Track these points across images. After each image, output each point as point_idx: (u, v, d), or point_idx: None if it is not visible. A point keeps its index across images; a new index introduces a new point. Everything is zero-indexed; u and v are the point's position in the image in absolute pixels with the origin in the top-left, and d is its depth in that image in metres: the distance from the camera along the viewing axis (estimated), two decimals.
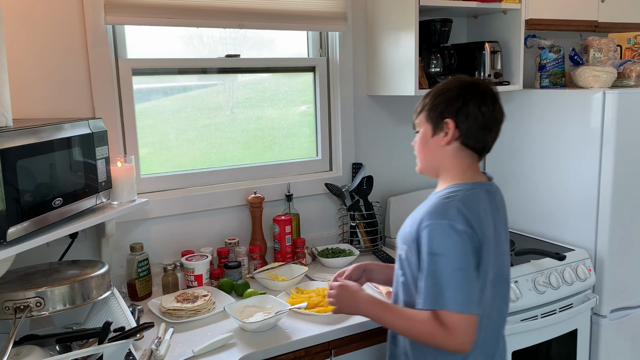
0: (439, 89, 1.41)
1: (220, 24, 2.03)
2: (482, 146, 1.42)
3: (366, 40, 2.37)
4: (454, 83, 1.41)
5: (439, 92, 1.40)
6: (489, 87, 1.41)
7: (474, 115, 1.37)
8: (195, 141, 2.16)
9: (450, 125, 1.37)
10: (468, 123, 1.37)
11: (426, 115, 1.41)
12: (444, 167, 1.43)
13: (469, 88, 1.38)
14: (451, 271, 1.28)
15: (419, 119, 1.44)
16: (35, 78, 1.77)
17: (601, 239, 2.21)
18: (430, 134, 1.41)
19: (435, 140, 1.41)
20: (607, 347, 2.28)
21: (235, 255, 2.07)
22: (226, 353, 1.50)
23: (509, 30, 2.38)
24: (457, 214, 1.30)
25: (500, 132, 1.44)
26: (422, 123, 1.43)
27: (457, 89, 1.39)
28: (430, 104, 1.40)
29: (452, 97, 1.38)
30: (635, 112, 2.16)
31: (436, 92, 1.41)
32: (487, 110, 1.38)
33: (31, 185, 1.37)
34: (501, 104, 1.43)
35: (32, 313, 1.34)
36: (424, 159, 1.45)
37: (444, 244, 1.28)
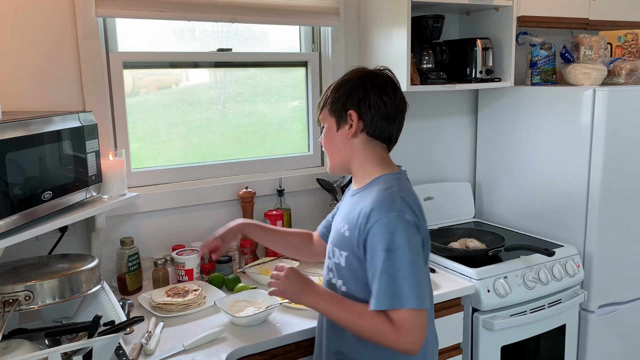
0: (339, 82, 1.39)
1: (212, 18, 2.02)
2: (388, 136, 1.38)
3: (358, 35, 2.37)
4: (353, 74, 1.38)
5: (339, 84, 1.38)
6: (389, 76, 1.39)
7: (375, 105, 1.34)
8: (187, 136, 2.15)
9: (354, 117, 1.35)
10: (371, 113, 1.35)
11: (329, 109, 1.39)
12: (356, 160, 1.39)
13: (369, 78, 1.36)
14: (405, 266, 1.22)
15: (322, 114, 1.41)
16: (25, 71, 1.76)
17: (590, 236, 2.23)
18: (335, 127, 1.39)
19: (340, 133, 1.38)
20: (595, 343, 2.30)
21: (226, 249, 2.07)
22: (217, 347, 1.50)
23: (500, 27, 2.39)
24: (403, 205, 1.26)
25: (404, 122, 1.41)
26: (326, 117, 1.40)
27: (356, 80, 1.37)
28: (332, 97, 1.38)
29: (353, 89, 1.36)
30: (625, 110, 2.18)
31: (336, 85, 1.39)
32: (389, 100, 1.35)
33: (20, 178, 1.36)
34: (402, 93, 1.40)
35: (21, 307, 1.33)
36: (333, 155, 1.42)
37: (398, 237, 1.22)
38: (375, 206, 1.26)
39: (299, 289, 1.36)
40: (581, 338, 2.29)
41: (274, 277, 1.41)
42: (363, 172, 1.40)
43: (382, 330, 1.23)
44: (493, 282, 1.96)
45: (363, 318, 1.26)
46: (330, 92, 1.39)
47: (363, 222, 1.28)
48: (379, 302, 1.23)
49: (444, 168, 2.72)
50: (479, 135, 2.73)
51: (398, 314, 1.22)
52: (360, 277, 1.31)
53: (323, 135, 1.43)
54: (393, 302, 1.22)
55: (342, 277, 1.37)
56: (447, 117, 2.69)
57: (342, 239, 1.35)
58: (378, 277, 1.24)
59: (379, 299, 1.23)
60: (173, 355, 1.46)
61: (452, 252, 2.11)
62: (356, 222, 1.30)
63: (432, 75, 2.28)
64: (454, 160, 2.74)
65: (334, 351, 1.41)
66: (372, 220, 1.25)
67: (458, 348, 1.96)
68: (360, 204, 1.32)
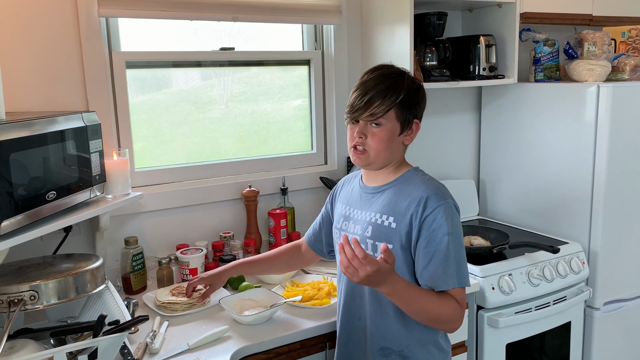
0: (409, 86, 1.38)
1: (214, 17, 2.02)
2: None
3: (361, 33, 2.37)
4: (417, 82, 1.42)
5: (411, 90, 1.38)
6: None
7: (422, 115, 1.44)
8: (190, 135, 2.15)
9: (416, 127, 1.42)
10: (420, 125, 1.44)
11: (398, 112, 1.37)
12: (396, 161, 1.44)
13: (423, 89, 1.43)
14: (460, 248, 1.33)
15: (388, 115, 1.36)
16: (28, 71, 1.76)
17: (595, 232, 2.22)
18: (399, 132, 1.39)
19: (400, 138, 1.40)
20: (600, 340, 2.30)
21: (230, 248, 2.07)
22: (221, 346, 1.50)
23: (503, 24, 2.38)
24: (450, 193, 1.37)
25: None
26: (391, 119, 1.37)
27: (421, 89, 1.42)
28: (403, 102, 1.36)
29: (421, 99, 1.42)
30: (629, 106, 2.17)
31: (408, 90, 1.37)
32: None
33: (24, 178, 1.36)
34: None
35: (26, 307, 1.34)
36: (384, 156, 1.39)
37: (455, 222, 1.32)
38: (431, 194, 1.33)
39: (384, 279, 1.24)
40: (586, 335, 2.29)
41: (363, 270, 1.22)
42: (390, 170, 1.44)
43: (455, 310, 1.31)
44: (498, 279, 1.96)
45: (442, 301, 1.30)
46: (403, 96, 1.36)
47: (418, 210, 1.33)
48: (447, 282, 1.30)
49: (448, 165, 2.71)
50: (482, 133, 2.73)
51: (460, 293, 1.32)
52: (403, 266, 1.36)
53: (379, 134, 1.36)
54: (457, 281, 1.31)
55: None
56: (451, 114, 2.68)
57: (387, 231, 1.37)
58: (443, 259, 1.30)
59: (447, 279, 1.30)
60: (178, 354, 1.46)
61: None
62: (406, 212, 1.35)
63: (435, 73, 2.27)
64: (458, 158, 2.74)
65: (379, 347, 1.42)
66: (430, 207, 1.32)
67: (463, 346, 1.96)
68: (405, 194, 1.37)
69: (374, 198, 1.44)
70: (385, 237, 1.37)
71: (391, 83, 1.37)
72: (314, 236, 1.72)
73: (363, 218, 1.45)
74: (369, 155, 1.39)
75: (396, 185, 1.41)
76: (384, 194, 1.42)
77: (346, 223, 1.51)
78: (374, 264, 1.19)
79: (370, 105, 1.35)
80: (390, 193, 1.41)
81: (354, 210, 1.49)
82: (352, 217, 1.49)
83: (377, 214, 1.40)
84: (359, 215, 1.47)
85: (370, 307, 1.43)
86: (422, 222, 1.32)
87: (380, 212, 1.40)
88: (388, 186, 1.42)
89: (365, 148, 1.38)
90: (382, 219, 1.39)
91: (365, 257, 1.19)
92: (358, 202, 1.49)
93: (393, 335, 1.40)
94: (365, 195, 1.47)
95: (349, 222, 1.50)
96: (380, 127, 1.37)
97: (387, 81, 1.37)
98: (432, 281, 1.31)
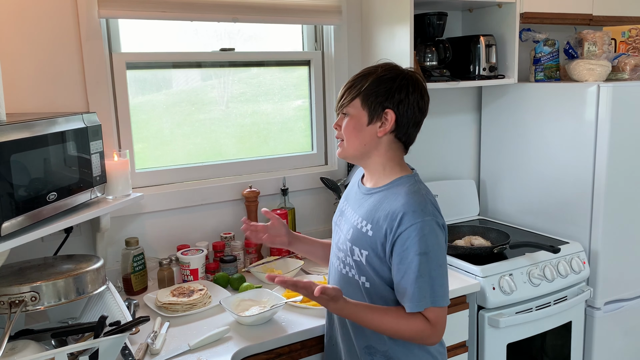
0: (379, 74, 1.33)
1: (214, 18, 2.02)
2: (411, 141, 1.40)
3: (361, 33, 2.37)
4: (394, 71, 1.34)
5: (380, 78, 1.33)
6: (423, 80, 1.38)
7: (412, 110, 1.34)
8: (190, 136, 2.16)
9: (391, 117, 1.33)
10: (407, 117, 1.34)
11: (363, 100, 1.33)
12: (377, 158, 1.38)
13: (411, 80, 1.34)
14: (437, 267, 1.27)
15: (352, 103, 1.34)
16: (29, 72, 1.76)
17: (595, 232, 2.22)
18: (366, 121, 1.34)
19: (370, 129, 1.35)
20: (601, 339, 2.30)
21: (230, 249, 2.07)
22: (222, 347, 1.51)
23: (503, 24, 2.38)
24: (434, 209, 1.30)
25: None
26: (356, 107, 1.34)
27: (400, 79, 1.33)
28: (369, 89, 1.32)
29: (396, 88, 1.32)
30: (630, 106, 2.17)
31: (377, 77, 1.33)
32: (424, 106, 1.37)
33: (25, 179, 1.36)
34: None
35: (27, 308, 1.34)
36: (352, 145, 1.37)
37: (432, 241, 1.26)
38: (408, 210, 1.27)
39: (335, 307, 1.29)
40: (587, 335, 2.29)
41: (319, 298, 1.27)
42: (382, 172, 1.39)
43: (422, 329, 1.28)
44: (498, 279, 1.96)
45: (402, 321, 1.28)
46: (368, 84, 1.33)
47: (393, 224, 1.28)
48: (417, 304, 1.26)
49: (448, 166, 2.71)
50: (483, 133, 2.73)
51: (434, 312, 1.27)
52: (381, 274, 1.34)
53: (346, 123, 1.36)
54: (429, 301, 1.26)
55: (364, 274, 1.37)
56: (451, 114, 2.68)
57: (364, 238, 1.35)
58: (414, 280, 1.26)
59: (417, 301, 1.26)
60: (179, 354, 1.46)
61: (457, 249, 2.11)
62: (382, 224, 1.31)
63: (436, 73, 2.27)
64: (458, 158, 2.74)
65: (364, 346, 1.41)
66: (405, 224, 1.26)
67: (464, 346, 1.96)
68: (386, 205, 1.32)
69: (364, 200, 1.41)
70: (362, 243, 1.35)
71: (365, 73, 1.35)
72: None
73: (351, 218, 1.43)
74: (344, 145, 1.39)
75: (385, 191, 1.37)
76: (371, 197, 1.39)
77: (340, 219, 1.51)
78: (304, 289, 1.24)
79: (341, 97, 1.38)
80: (376, 199, 1.37)
81: (348, 208, 1.48)
82: (345, 214, 1.49)
83: (360, 218, 1.38)
84: (350, 214, 1.45)
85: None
86: (395, 238, 1.28)
87: (362, 217, 1.38)
88: (377, 190, 1.38)
89: (341, 138, 1.39)
90: (361, 225, 1.37)
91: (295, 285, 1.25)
92: (352, 200, 1.48)
93: (375, 336, 1.38)
94: (359, 195, 1.45)
95: (342, 219, 1.49)
96: (348, 116, 1.36)
97: (359, 74, 1.37)
98: (403, 301, 1.29)
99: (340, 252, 1.44)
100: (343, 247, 1.42)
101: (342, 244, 1.43)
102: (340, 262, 1.44)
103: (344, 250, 1.42)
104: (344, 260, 1.42)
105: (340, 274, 1.45)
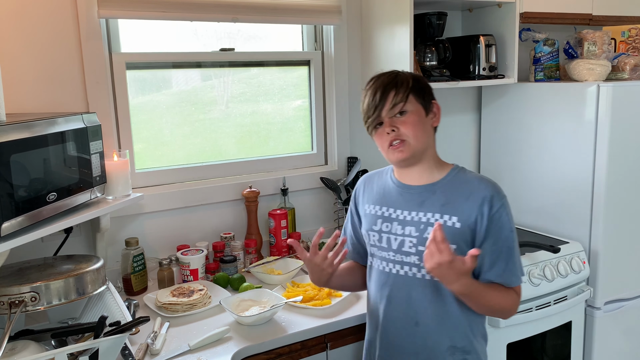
0: (412, 74, 1.42)
1: (214, 18, 2.02)
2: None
3: (361, 33, 2.37)
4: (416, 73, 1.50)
5: (416, 77, 1.42)
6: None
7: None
8: (190, 136, 2.15)
9: (437, 108, 1.44)
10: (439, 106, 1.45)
11: (416, 95, 1.38)
12: (430, 150, 1.43)
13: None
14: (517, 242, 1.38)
15: (409, 100, 1.37)
16: (29, 72, 1.76)
17: (595, 232, 2.22)
18: (424, 114, 1.40)
19: (428, 121, 1.41)
20: (601, 339, 2.30)
21: (230, 249, 2.07)
22: (222, 347, 1.51)
23: (503, 24, 2.38)
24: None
25: None
26: (413, 103, 1.38)
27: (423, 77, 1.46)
28: (415, 85, 1.39)
29: (428, 84, 1.44)
30: (629, 105, 2.17)
31: (413, 76, 1.42)
32: None
33: (25, 179, 1.36)
34: None
35: (27, 308, 1.34)
36: (422, 140, 1.38)
37: (512, 218, 1.37)
38: (494, 192, 1.35)
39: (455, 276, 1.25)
40: (587, 335, 2.29)
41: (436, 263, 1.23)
42: (434, 164, 1.43)
43: (516, 302, 1.38)
44: None
45: (506, 295, 1.36)
46: (412, 80, 1.39)
47: (484, 209, 1.34)
48: (518, 277, 1.37)
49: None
50: (482, 133, 2.73)
51: (519, 285, 1.39)
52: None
53: (408, 120, 1.36)
54: (521, 274, 1.38)
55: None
56: (451, 114, 2.68)
57: (452, 231, 1.35)
58: (511, 256, 1.35)
59: (518, 275, 1.37)
60: (179, 355, 1.46)
61: None
62: (471, 212, 1.34)
63: (435, 73, 2.27)
64: (458, 158, 2.71)
65: (447, 347, 1.40)
66: (495, 206, 1.34)
67: None
68: (465, 193, 1.37)
69: (424, 197, 1.40)
70: (449, 237, 1.30)
71: (394, 76, 1.40)
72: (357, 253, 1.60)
73: (415, 219, 1.39)
74: (409, 143, 1.36)
75: (448, 183, 1.40)
76: (436, 193, 1.39)
77: (388, 225, 1.44)
78: (448, 253, 1.22)
79: (387, 98, 1.36)
80: (444, 192, 1.39)
81: (396, 211, 1.43)
82: (395, 218, 1.43)
83: (436, 214, 1.37)
84: (406, 216, 1.41)
85: (433, 309, 1.39)
86: (488, 221, 1.33)
87: (439, 212, 1.37)
88: (439, 185, 1.40)
89: (402, 138, 1.36)
90: (443, 219, 1.36)
91: (442, 242, 1.22)
92: (400, 202, 1.44)
93: (458, 333, 1.40)
94: (410, 195, 1.42)
95: (392, 224, 1.43)
96: (407, 113, 1.37)
97: (389, 77, 1.40)
98: (503, 278, 1.35)
99: (402, 256, 1.40)
100: (408, 251, 1.39)
101: (407, 248, 1.39)
102: (401, 266, 1.41)
103: (413, 253, 1.38)
104: (412, 262, 1.39)
105: (403, 278, 1.41)
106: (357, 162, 2.32)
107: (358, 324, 1.70)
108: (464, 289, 1.27)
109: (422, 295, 1.39)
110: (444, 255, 1.22)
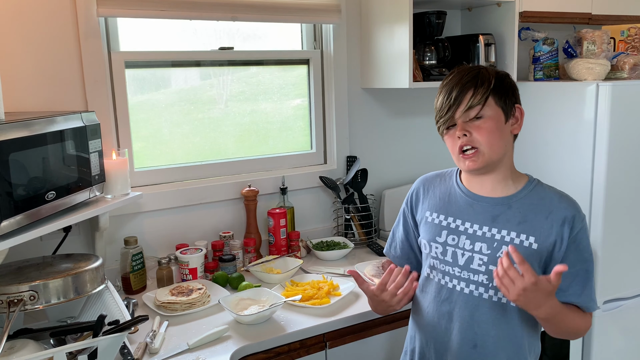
0: (496, 72, 1.26)
1: (213, 17, 2.02)
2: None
3: (360, 32, 2.37)
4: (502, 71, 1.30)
5: (500, 75, 1.26)
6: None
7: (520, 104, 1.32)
8: (189, 135, 2.15)
9: (519, 113, 1.28)
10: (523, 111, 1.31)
11: (497, 98, 1.24)
12: (507, 160, 1.29)
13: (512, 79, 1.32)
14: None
15: (487, 103, 1.23)
16: (28, 71, 1.76)
17: (594, 231, 2.22)
18: (504, 119, 1.25)
19: (506, 127, 1.26)
20: (600, 338, 2.30)
21: (229, 248, 2.07)
22: (221, 346, 1.51)
23: (502, 23, 2.38)
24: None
25: None
26: (492, 107, 1.23)
27: (509, 76, 1.29)
28: (498, 86, 1.24)
29: (513, 84, 1.28)
30: (629, 105, 2.17)
31: (497, 74, 1.26)
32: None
33: (24, 178, 1.36)
34: None
35: (26, 307, 1.34)
36: (498, 150, 1.24)
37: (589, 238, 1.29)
38: (575, 212, 1.25)
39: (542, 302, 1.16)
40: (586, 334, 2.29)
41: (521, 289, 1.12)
42: (511, 175, 1.30)
43: (589, 321, 1.30)
44: None
45: (583, 318, 1.28)
46: (494, 80, 1.24)
47: (564, 229, 1.23)
48: (595, 303, 1.29)
49: (448, 165, 2.70)
50: None
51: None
52: None
53: (484, 126, 1.23)
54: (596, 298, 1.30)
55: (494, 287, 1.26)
56: None
57: (528, 253, 1.22)
58: (589, 280, 1.26)
59: (595, 301, 1.29)
60: (178, 353, 1.46)
61: None
62: (550, 232, 1.23)
63: (435, 72, 2.27)
64: None
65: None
66: (576, 228, 1.24)
67: None
68: (544, 212, 1.25)
69: (498, 212, 1.28)
70: (528, 258, 1.17)
71: (475, 73, 1.25)
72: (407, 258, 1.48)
73: (487, 235, 1.27)
74: (483, 152, 1.23)
75: (525, 197, 1.28)
76: (512, 208, 1.27)
77: (455, 237, 1.31)
78: (532, 274, 1.10)
79: (463, 99, 1.23)
80: (521, 207, 1.26)
81: (465, 223, 1.31)
82: (463, 231, 1.31)
83: (512, 232, 1.25)
84: (476, 231, 1.29)
85: (495, 332, 1.27)
86: (569, 242, 1.23)
87: (516, 231, 1.25)
88: (515, 199, 1.28)
89: (475, 145, 1.23)
90: (520, 239, 1.24)
91: (523, 263, 1.10)
92: (470, 214, 1.31)
93: (518, 354, 1.29)
94: (481, 207, 1.30)
95: (459, 237, 1.31)
96: (484, 118, 1.23)
97: (470, 73, 1.25)
98: (583, 302, 1.26)
99: (469, 273, 1.29)
100: (477, 268, 1.28)
101: (475, 265, 1.28)
102: (467, 284, 1.29)
103: (482, 271, 1.27)
104: (479, 282, 1.27)
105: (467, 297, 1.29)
106: (357, 161, 2.32)
107: (357, 323, 1.70)
108: (550, 311, 1.16)
109: (487, 317, 1.27)
110: (527, 277, 1.10)
